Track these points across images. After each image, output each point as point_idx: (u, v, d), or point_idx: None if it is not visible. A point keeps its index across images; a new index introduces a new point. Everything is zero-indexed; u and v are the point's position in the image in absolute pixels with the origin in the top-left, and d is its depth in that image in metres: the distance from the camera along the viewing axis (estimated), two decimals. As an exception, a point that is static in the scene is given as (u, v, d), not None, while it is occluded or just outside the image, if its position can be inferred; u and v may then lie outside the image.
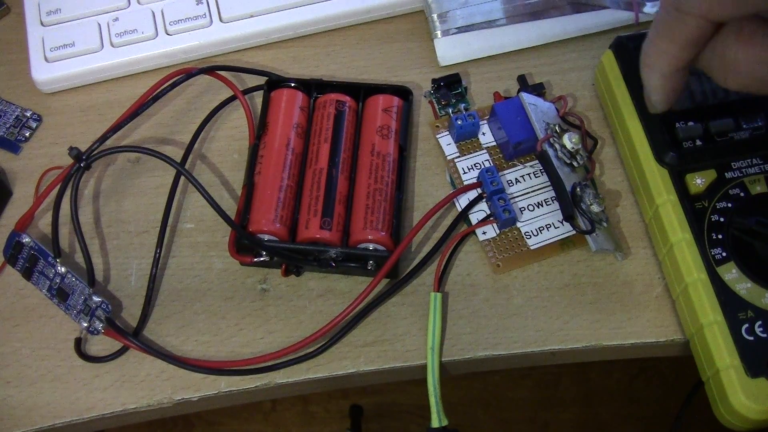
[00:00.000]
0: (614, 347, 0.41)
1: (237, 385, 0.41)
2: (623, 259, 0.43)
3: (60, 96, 0.48)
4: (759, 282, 0.39)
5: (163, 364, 0.41)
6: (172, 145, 0.47)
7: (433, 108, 0.46)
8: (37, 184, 0.45)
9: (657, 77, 0.36)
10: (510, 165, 0.45)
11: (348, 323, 0.41)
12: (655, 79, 0.37)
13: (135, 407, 0.40)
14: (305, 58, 0.49)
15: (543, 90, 0.47)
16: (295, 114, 0.45)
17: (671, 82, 0.36)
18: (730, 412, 0.38)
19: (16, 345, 0.42)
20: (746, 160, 0.41)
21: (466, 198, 0.44)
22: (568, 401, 1.02)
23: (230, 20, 0.48)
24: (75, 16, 0.49)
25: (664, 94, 0.37)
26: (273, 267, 0.43)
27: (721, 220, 0.40)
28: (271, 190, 0.42)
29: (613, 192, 0.45)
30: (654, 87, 0.37)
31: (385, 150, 0.43)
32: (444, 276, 0.43)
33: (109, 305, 0.40)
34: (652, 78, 0.37)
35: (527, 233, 0.43)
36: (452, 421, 0.40)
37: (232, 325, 0.42)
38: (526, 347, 0.41)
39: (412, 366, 0.41)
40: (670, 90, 0.37)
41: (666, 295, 0.42)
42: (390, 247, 0.41)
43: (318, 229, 0.41)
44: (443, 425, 0.39)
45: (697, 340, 0.40)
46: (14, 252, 0.42)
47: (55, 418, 0.40)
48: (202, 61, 0.49)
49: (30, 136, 0.47)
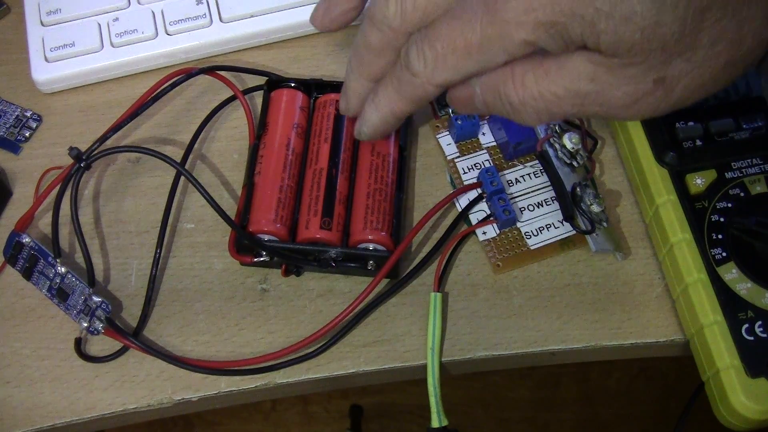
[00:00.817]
0: (614, 347, 0.41)
1: (237, 385, 0.41)
2: (623, 259, 0.43)
3: (60, 96, 0.48)
4: (759, 282, 0.39)
5: (163, 364, 0.41)
6: (172, 145, 0.47)
7: (433, 108, 0.46)
8: (37, 184, 0.45)
9: (377, 118, 0.39)
10: (510, 165, 0.45)
11: (348, 323, 0.41)
12: (375, 118, 0.39)
13: (135, 407, 0.40)
14: (305, 58, 0.49)
15: (543, 90, 0.47)
16: (295, 114, 0.45)
17: (387, 125, 0.40)
18: (730, 413, 0.38)
19: (16, 345, 0.42)
20: (746, 160, 0.41)
21: (466, 198, 0.44)
22: (568, 401, 1.02)
23: (230, 20, 0.48)
24: (75, 16, 0.49)
25: (375, 133, 0.40)
26: (273, 267, 0.43)
27: (721, 220, 0.40)
28: (271, 190, 0.42)
29: (613, 192, 0.45)
30: (371, 123, 0.40)
31: (385, 150, 0.43)
32: (444, 276, 0.43)
33: (109, 305, 0.40)
34: (373, 116, 0.39)
35: (527, 233, 0.43)
36: (452, 421, 0.40)
37: (232, 325, 0.42)
38: (526, 347, 0.41)
39: (412, 366, 0.41)
40: (382, 130, 0.40)
41: (666, 295, 0.42)
42: (390, 247, 0.41)
43: (318, 229, 0.41)
44: (443, 425, 0.39)
45: (697, 341, 0.40)
46: (14, 252, 0.42)
47: (55, 418, 0.40)
48: (202, 61, 0.49)
49: (30, 136, 0.47)
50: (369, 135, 0.41)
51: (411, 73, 0.36)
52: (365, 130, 0.41)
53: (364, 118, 0.40)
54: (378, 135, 0.41)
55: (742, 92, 0.43)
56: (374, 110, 0.39)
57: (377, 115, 0.39)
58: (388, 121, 0.39)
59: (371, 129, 0.40)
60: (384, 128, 0.40)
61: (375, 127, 0.40)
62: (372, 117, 0.40)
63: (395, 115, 0.39)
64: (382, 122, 0.40)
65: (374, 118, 0.40)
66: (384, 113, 0.39)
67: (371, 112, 0.40)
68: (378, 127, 0.40)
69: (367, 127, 0.40)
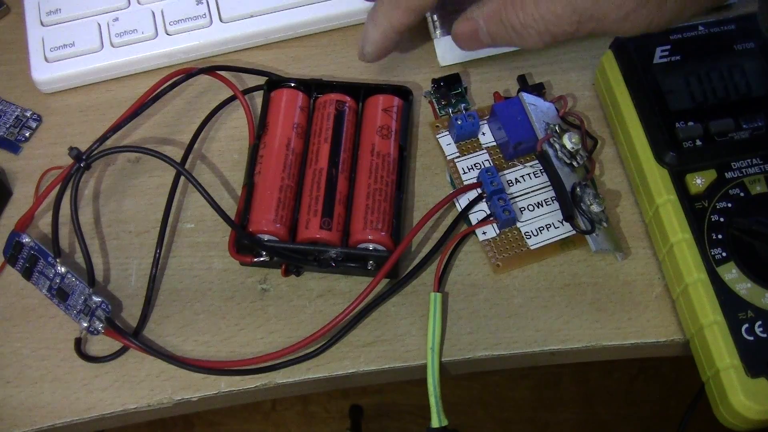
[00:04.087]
0: (614, 347, 0.41)
1: (237, 385, 0.41)
2: (623, 259, 0.43)
3: (60, 96, 0.48)
4: (759, 282, 0.39)
5: (163, 364, 0.41)
6: (172, 145, 0.47)
7: (433, 108, 0.46)
8: (37, 184, 0.45)
9: (377, 33, 0.41)
10: (510, 165, 0.45)
11: (348, 323, 0.41)
12: (375, 34, 0.41)
13: (135, 407, 0.40)
14: (305, 58, 0.49)
15: (543, 90, 0.47)
16: (295, 114, 0.45)
17: (388, 40, 0.42)
18: (730, 412, 0.38)
19: (16, 345, 0.42)
20: (746, 160, 0.41)
21: (466, 198, 0.44)
22: (568, 401, 1.02)
23: (230, 20, 0.48)
24: (75, 16, 0.49)
25: (378, 49, 0.42)
26: (273, 267, 0.43)
27: (721, 220, 0.40)
28: (271, 190, 0.42)
29: (613, 192, 0.45)
30: (373, 40, 0.42)
31: (385, 150, 0.43)
32: (444, 276, 0.43)
33: (109, 305, 0.40)
34: (374, 33, 0.41)
35: (527, 233, 0.43)
36: (452, 421, 0.40)
37: (232, 325, 0.42)
38: (526, 347, 0.41)
39: (412, 366, 0.41)
40: (384, 47, 0.42)
41: (666, 295, 0.42)
42: (390, 247, 0.41)
43: (318, 229, 0.41)
44: (443, 425, 0.39)
45: (697, 341, 0.40)
46: (14, 252, 0.42)
47: (55, 418, 0.40)
48: (202, 61, 0.49)
49: (30, 136, 0.47)
50: (371, 53, 0.42)
51: None
52: (368, 49, 0.42)
53: (366, 37, 0.42)
54: (380, 52, 0.42)
55: (742, 92, 0.43)
56: (373, 26, 0.41)
57: (377, 31, 0.41)
58: (388, 35, 0.41)
59: (373, 46, 0.42)
60: (385, 44, 0.41)
61: (376, 43, 0.41)
62: (372, 34, 0.41)
63: (395, 29, 0.40)
64: (382, 37, 0.41)
65: (375, 34, 0.41)
66: (384, 27, 0.40)
67: (371, 28, 0.41)
68: (379, 43, 0.41)
69: (369, 45, 0.42)
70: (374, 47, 0.42)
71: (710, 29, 0.44)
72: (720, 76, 0.43)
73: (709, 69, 0.43)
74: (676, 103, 0.42)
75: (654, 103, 0.42)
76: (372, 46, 0.42)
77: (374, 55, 0.42)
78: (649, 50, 0.43)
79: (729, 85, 0.43)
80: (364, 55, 0.43)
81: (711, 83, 0.43)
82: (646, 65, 0.43)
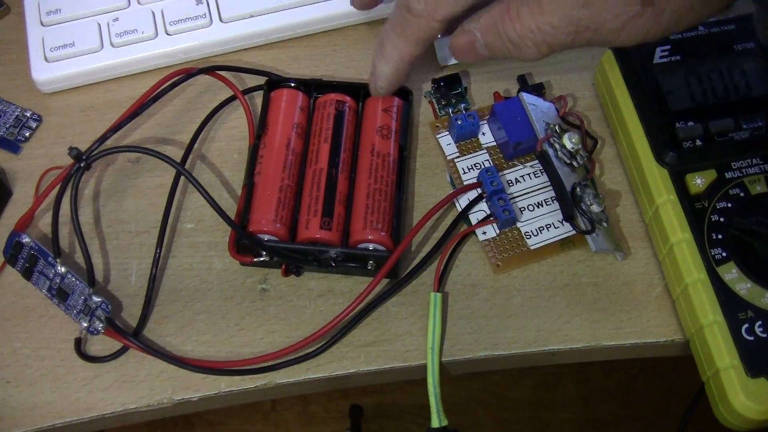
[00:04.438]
0: (614, 347, 0.41)
1: (237, 385, 0.41)
2: (623, 259, 0.43)
3: (60, 96, 0.48)
4: (759, 282, 0.39)
5: (163, 364, 0.41)
6: (172, 145, 0.47)
7: (433, 108, 0.46)
8: (37, 184, 0.45)
9: (389, 68, 0.42)
10: (510, 165, 0.45)
11: (348, 323, 0.41)
12: (386, 69, 0.42)
13: (135, 407, 0.40)
14: (305, 58, 0.49)
15: (543, 90, 0.47)
16: (295, 114, 0.45)
17: (400, 72, 0.42)
18: (730, 412, 0.38)
19: (16, 345, 0.42)
20: (746, 160, 0.41)
21: (466, 198, 0.44)
22: (567, 401, 1.02)
23: (230, 20, 0.48)
24: (75, 16, 0.49)
25: (391, 84, 0.43)
26: (273, 267, 0.43)
27: (721, 220, 0.40)
28: (271, 190, 0.42)
29: (613, 192, 0.45)
30: (384, 76, 0.42)
31: (385, 150, 0.43)
32: (444, 276, 0.43)
33: (109, 305, 0.40)
34: (384, 68, 0.42)
35: (527, 233, 0.43)
36: (452, 421, 0.40)
37: (232, 325, 0.42)
38: (526, 347, 0.41)
39: (412, 366, 0.41)
40: (397, 79, 0.42)
41: (666, 295, 0.42)
42: (390, 247, 0.41)
43: (318, 229, 0.41)
44: (443, 425, 0.39)
45: (697, 341, 0.40)
46: (14, 252, 0.42)
47: (55, 418, 0.40)
48: (202, 61, 0.49)
49: (30, 136, 0.47)
50: (385, 87, 0.43)
51: (412, 14, 0.38)
52: (381, 84, 0.42)
53: (377, 73, 0.42)
54: (393, 86, 0.43)
55: (742, 92, 0.43)
56: (384, 62, 0.41)
57: (388, 66, 0.41)
58: (400, 68, 0.41)
59: (385, 81, 0.42)
60: (397, 77, 0.42)
61: (388, 78, 0.42)
62: (383, 69, 0.41)
63: (405, 61, 0.41)
64: (394, 71, 0.41)
65: (386, 69, 0.41)
66: (395, 61, 0.41)
67: (382, 64, 0.41)
68: (391, 77, 0.42)
69: (381, 80, 0.42)
70: (387, 82, 0.42)
71: (710, 29, 0.44)
72: (720, 76, 0.43)
73: (709, 69, 0.43)
74: (676, 103, 0.42)
75: (654, 103, 0.42)
76: (385, 81, 0.42)
77: (388, 89, 0.43)
78: (649, 50, 0.43)
79: (729, 85, 0.43)
80: (377, 90, 0.43)
81: (711, 83, 0.43)
82: (646, 65, 0.43)
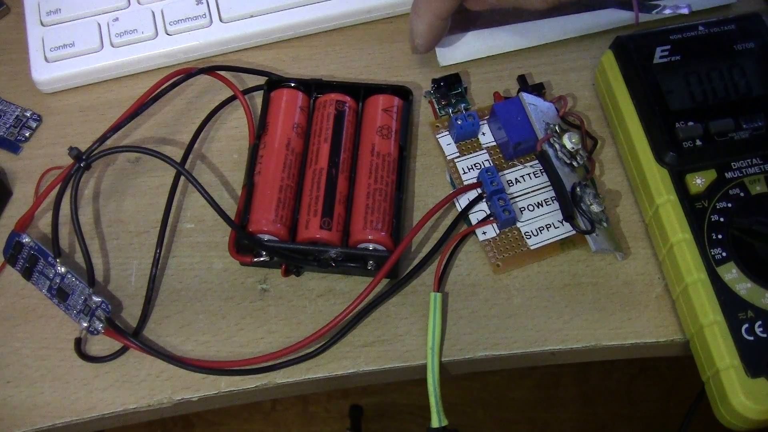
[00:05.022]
0: (614, 347, 0.41)
1: (237, 385, 0.41)
2: (623, 259, 0.43)
3: (60, 96, 0.48)
4: (759, 282, 0.39)
5: (163, 364, 0.41)
6: (172, 145, 0.47)
7: (433, 108, 0.46)
8: (37, 184, 0.45)
9: (423, 25, 0.44)
10: (510, 165, 0.45)
11: (348, 323, 0.41)
12: (421, 25, 0.44)
13: (135, 407, 0.40)
14: (305, 58, 0.49)
15: (543, 90, 0.47)
16: (295, 114, 0.45)
17: (435, 29, 0.44)
18: (730, 412, 0.38)
19: (16, 345, 0.42)
20: (746, 160, 0.41)
21: (466, 198, 0.44)
22: (568, 401, 1.02)
23: (230, 20, 0.48)
24: (75, 16, 0.49)
25: (428, 40, 0.44)
26: (273, 267, 0.43)
27: (721, 220, 0.40)
28: (271, 190, 0.42)
29: (613, 192, 0.45)
30: (420, 33, 0.44)
31: (385, 150, 0.43)
32: (444, 276, 0.43)
33: (109, 305, 0.40)
34: (419, 25, 0.44)
35: (527, 233, 0.43)
36: (452, 421, 0.40)
37: (232, 325, 0.42)
38: (526, 347, 0.41)
39: (412, 366, 0.41)
40: (433, 35, 0.44)
41: (666, 295, 0.42)
42: (390, 247, 0.41)
43: (318, 229, 0.41)
44: (443, 425, 0.39)
45: (697, 341, 0.40)
46: (14, 252, 0.42)
47: (55, 418, 0.40)
48: (202, 61, 0.49)
49: (30, 136, 0.47)
50: (423, 44, 0.44)
51: None
52: (419, 41, 0.44)
53: (413, 30, 0.44)
54: (430, 43, 0.44)
55: (742, 92, 0.43)
56: (418, 19, 0.43)
57: (423, 23, 0.43)
58: (434, 23, 0.43)
59: (422, 38, 0.44)
60: (432, 33, 0.44)
61: (424, 35, 0.44)
62: (419, 26, 0.43)
63: (438, 16, 0.42)
64: (429, 28, 0.43)
65: (421, 26, 0.43)
66: (428, 17, 0.43)
67: (416, 21, 0.43)
68: (427, 34, 0.43)
69: (418, 37, 0.44)
70: (424, 39, 0.44)
71: (710, 29, 0.44)
72: (720, 76, 0.43)
73: (709, 69, 0.43)
74: (676, 103, 0.42)
75: (654, 103, 0.42)
76: (421, 38, 0.44)
77: (426, 46, 0.45)
78: (649, 50, 0.43)
79: (729, 85, 0.43)
80: (416, 48, 0.45)
81: (711, 83, 0.43)
82: (646, 65, 0.43)
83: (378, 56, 0.49)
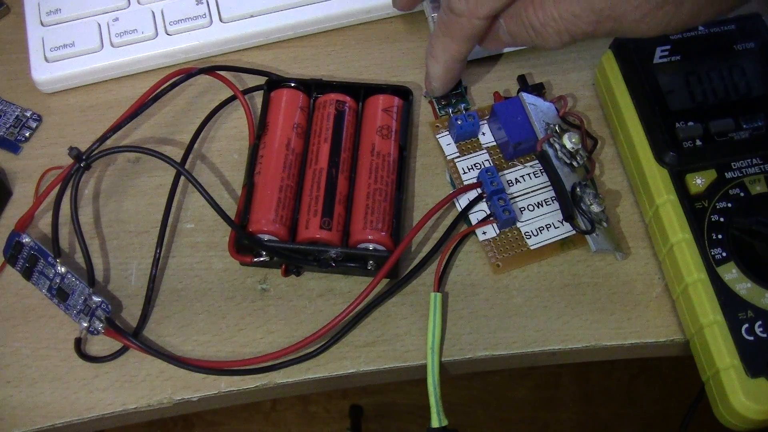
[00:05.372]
0: (614, 347, 0.41)
1: (237, 385, 0.41)
2: (623, 259, 0.43)
3: (60, 96, 0.48)
4: (759, 282, 0.39)
5: (163, 364, 0.41)
6: (172, 145, 0.47)
7: (433, 108, 0.46)
8: (37, 184, 0.45)
9: (440, 68, 0.43)
10: (510, 165, 0.45)
11: (348, 323, 0.41)
12: (438, 69, 0.43)
13: (135, 407, 0.40)
14: (305, 58, 0.49)
15: (543, 90, 0.47)
16: (295, 114, 0.45)
17: (451, 71, 0.43)
18: (730, 412, 0.38)
19: (16, 345, 0.42)
20: (746, 160, 0.41)
21: (466, 198, 0.44)
22: (568, 401, 1.02)
23: (230, 20, 0.48)
24: (75, 16, 0.49)
25: (444, 83, 0.44)
26: (273, 267, 0.43)
27: (721, 220, 0.40)
28: (271, 190, 0.42)
29: (613, 192, 0.45)
30: (436, 76, 0.44)
31: (385, 150, 0.43)
32: (444, 276, 0.43)
33: (109, 305, 0.40)
34: (435, 68, 0.43)
35: (527, 233, 0.43)
36: (452, 421, 0.40)
37: (232, 325, 0.42)
38: (526, 347, 0.41)
39: (412, 366, 0.41)
40: (449, 78, 0.44)
41: (666, 295, 0.42)
42: (390, 247, 0.41)
43: (318, 229, 0.41)
44: (443, 425, 0.39)
45: (697, 340, 0.40)
46: (14, 252, 0.42)
47: (55, 418, 0.40)
48: (202, 61, 0.49)
49: (30, 136, 0.47)
50: (439, 88, 0.44)
51: (455, 14, 0.39)
52: (435, 85, 0.44)
53: (430, 74, 0.44)
54: (446, 85, 0.44)
55: (742, 92, 0.43)
56: (434, 62, 0.43)
57: (439, 66, 0.43)
58: (450, 66, 0.43)
59: (439, 81, 0.44)
60: (448, 76, 0.43)
61: (440, 78, 0.43)
62: (435, 70, 0.43)
63: (455, 59, 0.42)
64: (445, 70, 0.43)
65: (437, 69, 0.43)
66: (445, 60, 0.42)
67: (433, 65, 0.43)
68: (443, 77, 0.43)
69: (435, 81, 0.44)
70: (440, 82, 0.44)
71: (710, 29, 0.44)
72: (720, 76, 0.43)
73: (709, 69, 0.43)
74: (676, 103, 0.42)
75: (654, 103, 0.42)
76: (438, 81, 0.44)
77: (442, 89, 0.45)
78: (649, 50, 0.43)
79: (729, 85, 0.43)
80: (432, 91, 0.45)
81: (711, 83, 0.43)
82: (646, 65, 0.43)
83: (378, 56, 0.49)
